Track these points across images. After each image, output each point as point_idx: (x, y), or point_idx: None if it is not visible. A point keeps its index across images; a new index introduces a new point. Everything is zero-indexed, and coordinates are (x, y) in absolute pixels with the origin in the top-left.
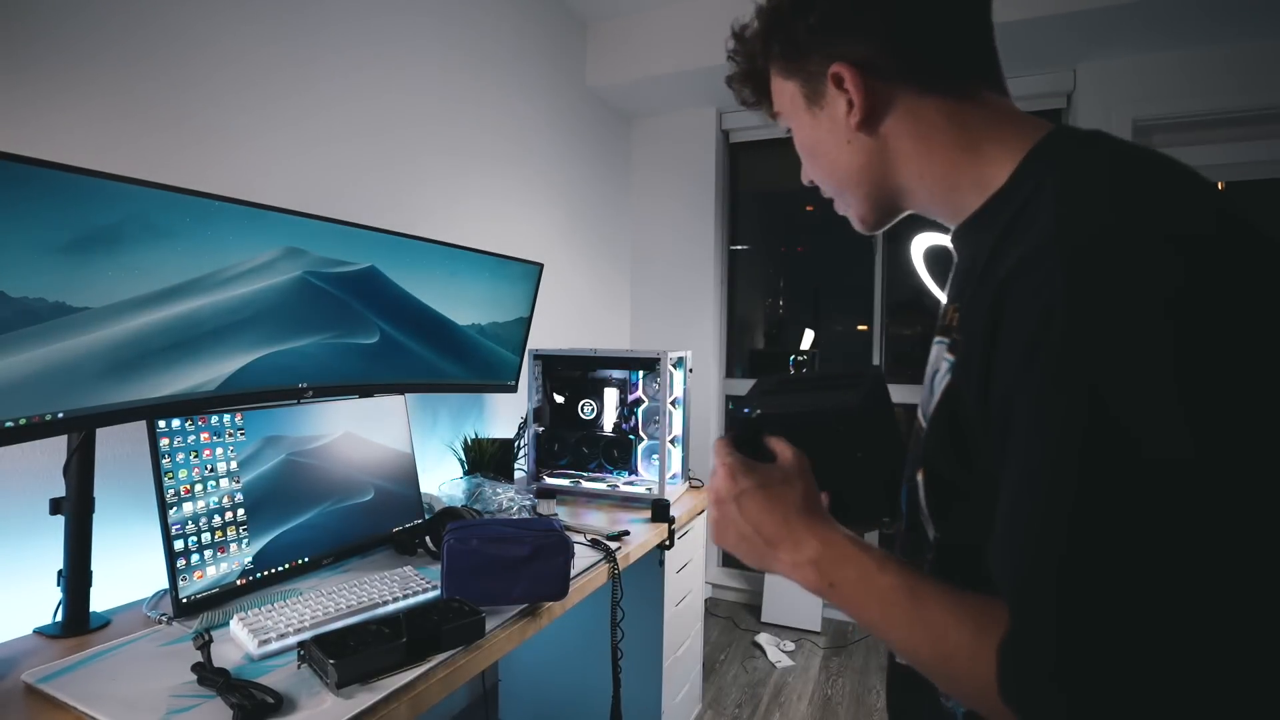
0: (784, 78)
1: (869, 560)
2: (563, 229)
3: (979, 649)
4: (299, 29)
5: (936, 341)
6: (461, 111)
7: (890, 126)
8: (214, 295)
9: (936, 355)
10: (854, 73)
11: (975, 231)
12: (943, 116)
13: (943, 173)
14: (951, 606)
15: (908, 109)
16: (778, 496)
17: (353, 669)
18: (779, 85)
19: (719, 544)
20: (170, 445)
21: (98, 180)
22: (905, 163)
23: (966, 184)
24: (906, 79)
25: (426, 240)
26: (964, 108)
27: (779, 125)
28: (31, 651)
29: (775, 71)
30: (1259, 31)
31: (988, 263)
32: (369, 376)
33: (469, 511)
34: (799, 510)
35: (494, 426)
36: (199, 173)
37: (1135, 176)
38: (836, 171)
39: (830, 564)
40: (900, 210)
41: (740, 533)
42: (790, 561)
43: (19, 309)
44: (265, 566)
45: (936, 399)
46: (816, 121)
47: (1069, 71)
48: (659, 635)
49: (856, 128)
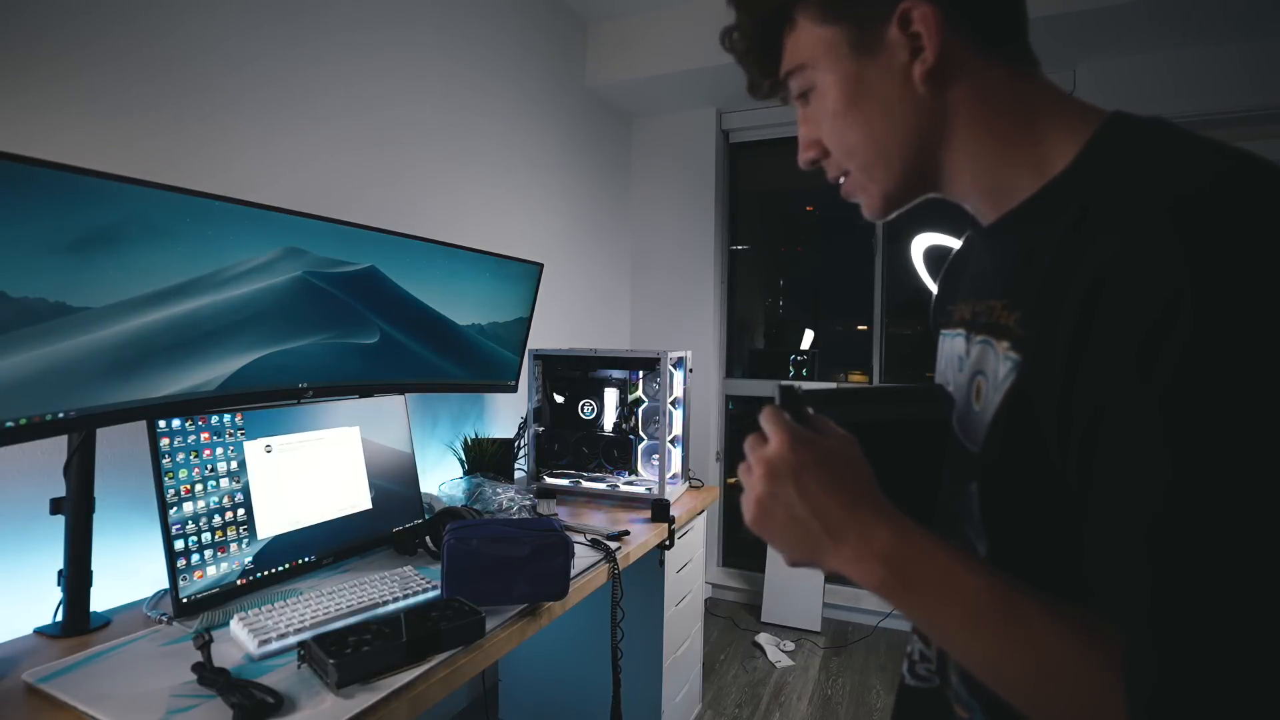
0: (820, 22)
1: (953, 558)
2: (563, 229)
3: (1086, 667)
4: (301, 31)
5: (979, 340)
6: (461, 112)
7: (955, 87)
8: (214, 295)
9: (980, 355)
10: (934, 10)
11: (1029, 221)
12: (1008, 87)
13: (1000, 150)
14: (1054, 618)
15: (976, 70)
16: (845, 476)
17: (353, 669)
18: (808, 32)
19: (757, 528)
20: (170, 445)
21: (98, 180)
22: (960, 133)
23: (1023, 166)
24: (981, 36)
25: (426, 240)
26: (1027, 82)
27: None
28: (32, 651)
29: (809, 14)
30: (1260, 31)
31: (1058, 254)
32: (369, 376)
33: (469, 511)
34: (868, 494)
35: (494, 426)
36: (199, 173)
37: (1233, 154)
38: (876, 134)
39: (905, 560)
40: (925, 191)
41: (793, 516)
42: (853, 554)
43: (19, 309)
44: (265, 566)
45: (998, 403)
46: (863, 71)
47: (1069, 71)
48: (659, 635)
49: (922, 79)
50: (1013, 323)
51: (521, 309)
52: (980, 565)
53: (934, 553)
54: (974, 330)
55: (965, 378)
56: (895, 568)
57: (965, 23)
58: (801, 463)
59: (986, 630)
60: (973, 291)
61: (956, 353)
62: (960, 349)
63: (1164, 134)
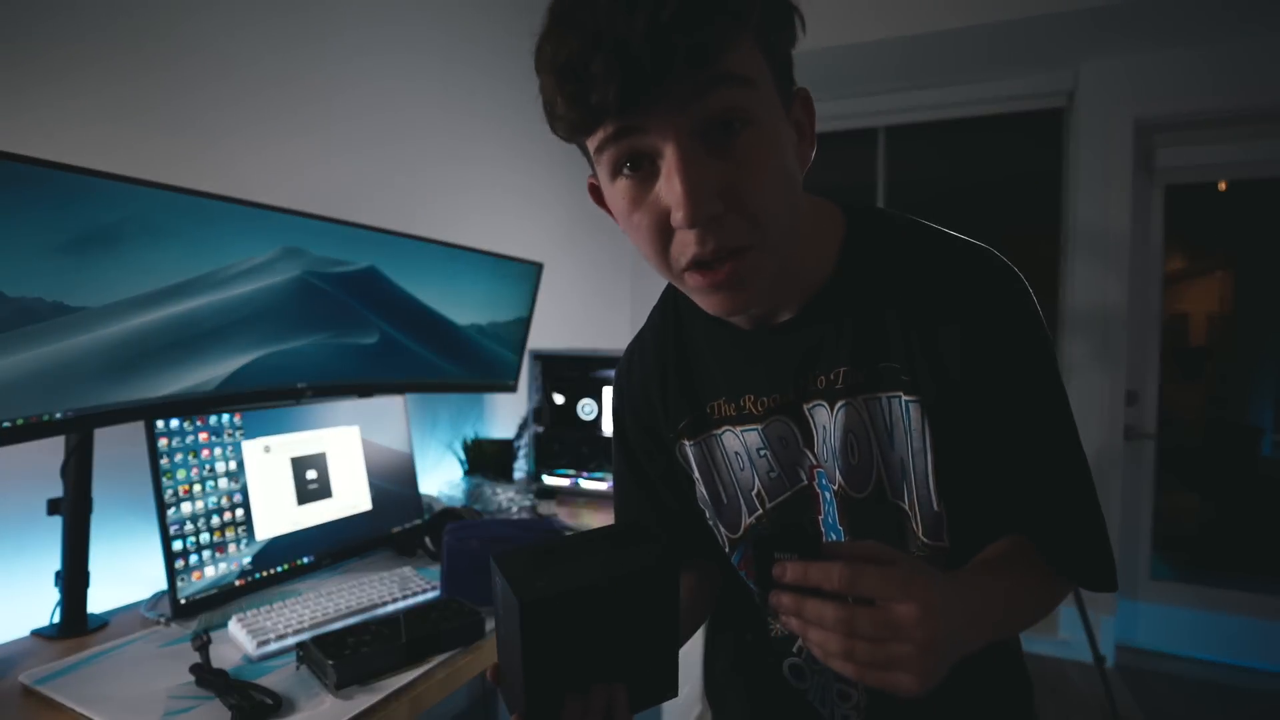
0: (761, 48)
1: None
2: (563, 229)
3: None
4: (303, 32)
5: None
6: (461, 111)
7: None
8: (213, 295)
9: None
10: (810, 104)
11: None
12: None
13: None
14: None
15: None
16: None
17: (352, 670)
18: (750, 54)
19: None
20: (169, 445)
21: (97, 180)
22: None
23: (807, 253)
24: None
25: (426, 240)
26: None
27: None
28: (29, 653)
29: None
30: (1261, 30)
31: (905, 316)
32: (369, 376)
33: (469, 512)
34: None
35: (494, 426)
36: (198, 173)
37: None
38: (785, 195)
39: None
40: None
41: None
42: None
43: (17, 308)
44: (264, 567)
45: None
46: (784, 133)
47: (1071, 71)
48: None
49: (804, 163)
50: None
51: (521, 309)
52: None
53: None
54: (805, 400)
55: (836, 443)
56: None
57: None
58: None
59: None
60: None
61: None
62: (783, 432)
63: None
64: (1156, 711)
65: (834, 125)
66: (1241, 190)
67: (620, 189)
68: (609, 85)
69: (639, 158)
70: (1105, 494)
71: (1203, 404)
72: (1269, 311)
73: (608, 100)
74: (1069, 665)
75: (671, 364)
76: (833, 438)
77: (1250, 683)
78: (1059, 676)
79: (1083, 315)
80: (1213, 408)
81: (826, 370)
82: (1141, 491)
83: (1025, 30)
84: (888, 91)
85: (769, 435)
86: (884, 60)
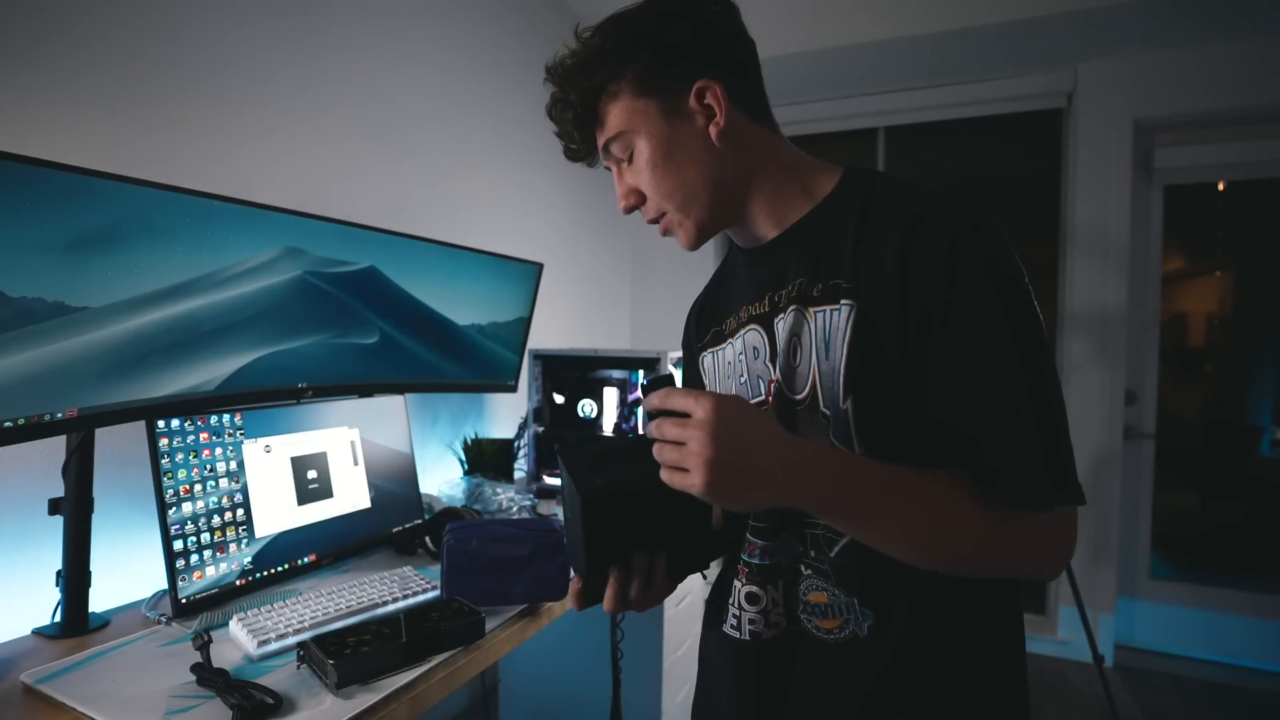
0: (636, 95)
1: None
2: (563, 228)
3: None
4: (300, 29)
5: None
6: (461, 111)
7: (741, 143)
8: (213, 295)
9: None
10: (720, 88)
11: (813, 225)
12: (776, 144)
13: (774, 186)
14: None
15: (752, 132)
16: (761, 419)
17: (352, 669)
18: (628, 104)
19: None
20: (169, 445)
21: (97, 180)
22: (757, 176)
23: (799, 196)
24: (747, 106)
25: (426, 240)
26: (785, 142)
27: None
28: (30, 652)
29: (625, 91)
30: (1262, 30)
31: (858, 235)
32: (369, 376)
33: (469, 511)
34: (780, 429)
35: (494, 426)
36: (199, 173)
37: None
38: (689, 179)
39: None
40: (728, 224)
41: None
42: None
43: (18, 309)
44: (264, 567)
45: (849, 334)
46: (674, 132)
47: (1070, 71)
48: (659, 635)
49: (718, 138)
50: (823, 285)
51: (521, 309)
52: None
53: (861, 461)
54: (776, 313)
55: (781, 346)
56: (834, 481)
57: (739, 99)
58: (736, 418)
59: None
60: (753, 295)
61: (749, 345)
62: (755, 341)
63: (884, 174)
64: (1155, 711)
65: (834, 125)
66: (1240, 190)
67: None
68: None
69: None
70: (1105, 494)
71: (1202, 404)
72: (1268, 311)
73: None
74: (1068, 665)
75: (712, 291)
76: (779, 340)
77: (1249, 682)
78: (1058, 676)
79: (1082, 315)
80: (1212, 408)
81: (790, 283)
82: (1141, 491)
83: (1025, 31)
84: (888, 91)
85: (746, 342)
86: (884, 60)
